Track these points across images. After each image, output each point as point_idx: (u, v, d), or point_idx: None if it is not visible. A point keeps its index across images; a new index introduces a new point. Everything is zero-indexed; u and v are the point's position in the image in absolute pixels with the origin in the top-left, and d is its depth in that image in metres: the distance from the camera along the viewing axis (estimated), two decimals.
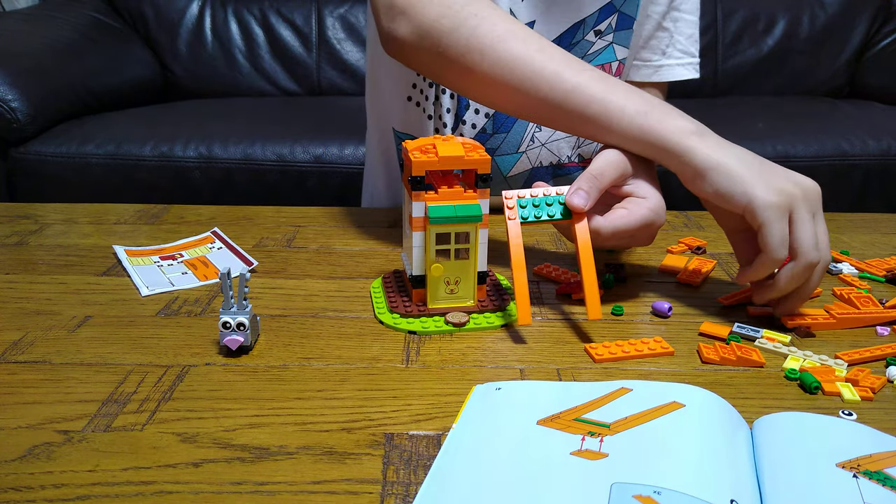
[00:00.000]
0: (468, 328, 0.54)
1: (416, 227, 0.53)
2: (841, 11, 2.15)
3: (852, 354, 0.50)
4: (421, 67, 0.70)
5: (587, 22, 0.78)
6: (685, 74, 0.85)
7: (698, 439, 0.38)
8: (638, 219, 0.55)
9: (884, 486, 0.35)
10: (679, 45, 0.83)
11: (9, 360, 0.49)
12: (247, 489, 0.37)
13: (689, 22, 0.83)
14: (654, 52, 0.84)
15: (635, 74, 0.85)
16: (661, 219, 0.56)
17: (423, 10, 0.63)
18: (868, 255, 0.69)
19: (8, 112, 1.56)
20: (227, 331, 0.49)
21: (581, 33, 0.78)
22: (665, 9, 0.82)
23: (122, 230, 0.74)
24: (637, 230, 0.55)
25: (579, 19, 0.77)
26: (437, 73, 0.68)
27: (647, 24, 0.82)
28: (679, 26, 0.83)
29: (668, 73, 0.85)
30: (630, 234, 0.56)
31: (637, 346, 0.51)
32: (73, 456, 0.39)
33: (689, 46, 0.84)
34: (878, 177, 1.59)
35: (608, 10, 0.78)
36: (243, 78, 2.16)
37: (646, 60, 0.84)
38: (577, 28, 0.78)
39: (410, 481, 0.37)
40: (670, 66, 0.84)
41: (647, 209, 0.55)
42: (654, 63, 0.84)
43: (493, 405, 0.43)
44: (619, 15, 0.79)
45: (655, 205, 0.56)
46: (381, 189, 0.94)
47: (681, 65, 0.84)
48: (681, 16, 0.82)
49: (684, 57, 0.84)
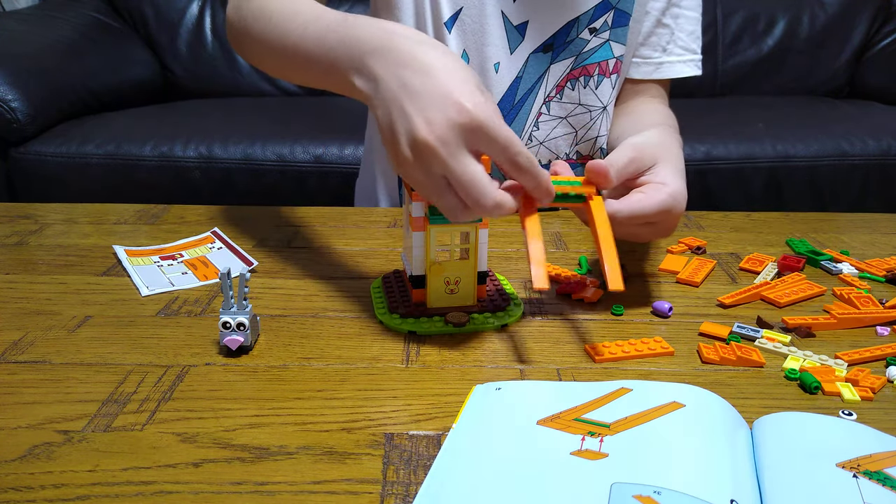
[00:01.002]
0: (468, 328, 0.54)
1: (416, 228, 0.53)
2: (841, 11, 2.15)
3: (852, 354, 0.50)
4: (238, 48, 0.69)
5: (581, 20, 0.77)
6: (687, 71, 0.84)
7: (698, 439, 0.38)
8: (655, 203, 0.54)
9: (884, 486, 0.35)
10: (680, 41, 0.83)
11: (9, 360, 0.49)
12: (247, 489, 0.37)
13: (690, 18, 0.83)
14: (655, 49, 0.83)
15: (636, 72, 0.85)
16: (681, 206, 0.55)
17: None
18: (868, 255, 0.69)
19: (8, 112, 1.56)
20: (227, 331, 0.49)
21: (575, 31, 0.78)
22: (664, 4, 0.81)
23: (122, 230, 0.74)
24: (655, 215, 0.54)
25: (573, 17, 0.77)
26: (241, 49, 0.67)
27: (647, 21, 0.82)
28: (680, 22, 0.82)
29: (669, 69, 0.84)
30: (647, 220, 0.55)
31: (637, 346, 0.51)
32: (73, 456, 0.39)
33: (691, 43, 0.83)
34: (878, 177, 1.59)
35: (603, 7, 0.78)
36: (243, 78, 2.16)
37: (646, 58, 0.84)
38: (570, 26, 0.78)
39: (410, 481, 0.37)
40: (671, 63, 0.84)
41: (665, 194, 0.54)
42: (655, 60, 0.84)
43: (493, 405, 0.43)
44: (615, 12, 0.78)
45: (675, 190, 0.55)
46: (380, 188, 0.93)
47: (682, 61, 0.84)
48: (681, 12, 0.82)
49: (686, 54, 0.83)
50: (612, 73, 0.82)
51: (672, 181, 0.55)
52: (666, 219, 0.56)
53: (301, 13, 0.57)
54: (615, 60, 0.81)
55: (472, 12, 0.77)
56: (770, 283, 0.62)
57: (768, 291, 0.60)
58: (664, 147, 0.58)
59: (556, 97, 0.82)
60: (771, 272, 0.65)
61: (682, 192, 0.55)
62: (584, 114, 0.83)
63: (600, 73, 0.81)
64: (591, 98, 0.82)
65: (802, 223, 0.79)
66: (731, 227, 0.78)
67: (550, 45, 0.79)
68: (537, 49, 0.79)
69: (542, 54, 0.79)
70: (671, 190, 0.55)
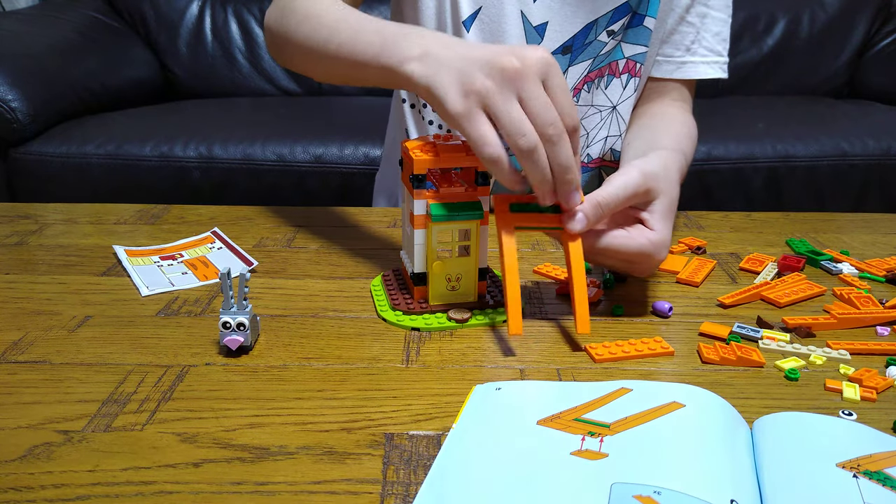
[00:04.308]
0: (471, 324, 0.54)
1: (417, 226, 0.53)
2: (841, 11, 2.15)
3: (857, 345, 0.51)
4: (276, 54, 0.73)
5: (600, 22, 0.77)
6: (710, 73, 0.82)
7: (698, 439, 0.38)
8: (635, 246, 0.54)
9: (884, 486, 0.35)
10: (705, 42, 0.80)
11: (9, 360, 0.49)
12: (247, 489, 0.37)
13: (717, 19, 0.80)
14: (678, 48, 0.81)
15: (657, 70, 0.83)
16: (661, 256, 0.55)
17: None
18: (868, 255, 0.69)
19: (8, 112, 1.56)
20: (227, 331, 0.49)
21: (594, 34, 0.77)
22: (689, 2, 0.79)
23: (122, 230, 0.74)
24: (633, 257, 0.54)
25: (592, 19, 0.76)
26: (282, 56, 0.71)
27: (670, 18, 0.79)
28: (706, 23, 0.80)
29: (692, 70, 0.82)
30: (625, 259, 0.55)
31: (637, 346, 0.51)
32: (73, 456, 0.39)
33: (717, 45, 0.81)
34: (878, 177, 1.59)
35: (623, 10, 0.76)
36: (243, 78, 2.16)
37: (668, 56, 0.82)
38: (589, 28, 0.77)
39: (410, 481, 0.37)
40: (694, 64, 0.81)
41: (647, 240, 0.54)
42: (677, 59, 0.82)
43: (493, 405, 0.43)
44: (633, 15, 0.77)
45: (658, 239, 0.54)
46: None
47: (706, 62, 0.81)
48: (708, 11, 0.80)
49: (710, 55, 0.81)
50: (622, 72, 0.80)
51: (660, 227, 0.55)
52: (644, 262, 0.55)
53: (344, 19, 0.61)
54: (625, 60, 0.80)
55: (491, 11, 0.76)
56: (770, 283, 0.62)
57: (768, 291, 0.60)
58: (667, 182, 0.57)
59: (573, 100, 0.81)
60: (771, 272, 0.65)
61: (667, 240, 0.55)
62: (594, 115, 0.83)
63: (610, 73, 0.80)
64: (600, 98, 0.82)
65: (802, 223, 0.79)
66: (731, 227, 0.78)
67: (569, 47, 0.78)
68: (556, 51, 0.78)
69: (561, 56, 0.78)
70: (654, 237, 0.54)
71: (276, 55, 0.73)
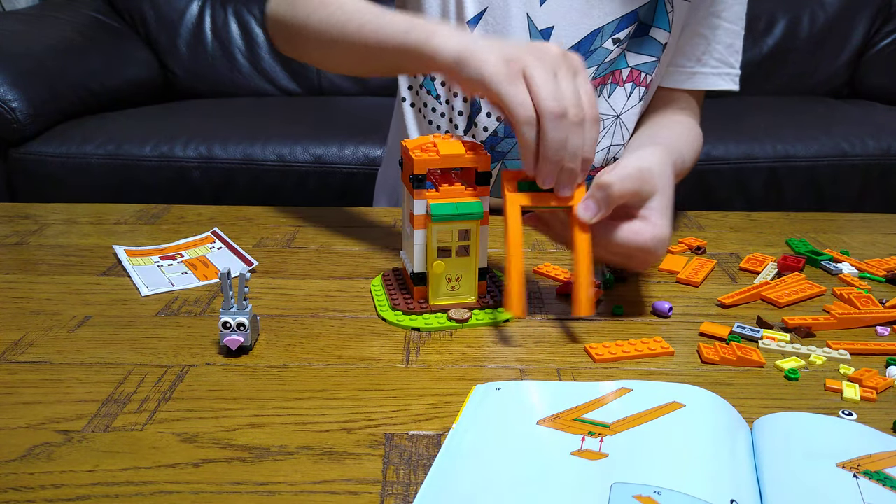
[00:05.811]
0: (471, 324, 0.54)
1: (417, 225, 0.53)
2: (841, 11, 2.15)
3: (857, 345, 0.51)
4: (283, 43, 0.74)
5: (605, 29, 0.76)
6: (721, 84, 0.81)
7: (698, 439, 0.38)
8: (639, 241, 0.54)
9: (884, 486, 0.35)
10: (717, 53, 0.80)
11: (9, 360, 0.49)
12: (247, 489, 0.37)
13: (729, 31, 0.80)
14: (689, 59, 0.81)
15: (668, 80, 0.82)
16: (661, 251, 0.55)
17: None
18: (868, 255, 0.69)
19: (8, 112, 1.56)
20: (227, 331, 0.49)
21: (599, 41, 0.77)
22: (703, 14, 0.78)
23: (122, 230, 0.74)
24: (634, 252, 0.54)
25: (598, 26, 0.76)
26: (291, 44, 0.72)
27: (684, 30, 0.79)
28: (718, 34, 0.79)
29: (702, 81, 0.81)
30: (625, 253, 0.55)
31: (637, 346, 0.51)
32: (73, 456, 0.39)
33: (728, 56, 0.80)
34: (878, 177, 1.59)
35: (630, 19, 0.76)
36: (243, 78, 2.16)
37: (679, 66, 0.81)
38: (595, 35, 0.76)
39: (410, 481, 0.37)
40: (705, 75, 0.81)
41: (650, 236, 0.54)
42: (688, 69, 0.81)
43: (493, 405, 0.43)
44: (640, 24, 0.77)
45: (660, 234, 0.54)
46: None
47: (717, 74, 0.81)
48: (721, 23, 0.79)
49: (721, 66, 0.80)
50: (626, 81, 0.80)
51: (661, 222, 0.55)
52: (644, 257, 0.55)
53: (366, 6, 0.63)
54: (629, 69, 0.79)
55: (496, 13, 0.76)
56: (770, 283, 0.62)
57: (768, 291, 0.60)
58: (664, 177, 0.56)
59: None
60: (771, 272, 0.65)
61: (667, 236, 0.55)
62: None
63: (613, 81, 0.80)
64: (603, 106, 0.81)
65: (802, 223, 0.79)
66: (731, 227, 0.78)
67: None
68: None
69: None
70: (657, 233, 0.54)
71: (283, 44, 0.73)
